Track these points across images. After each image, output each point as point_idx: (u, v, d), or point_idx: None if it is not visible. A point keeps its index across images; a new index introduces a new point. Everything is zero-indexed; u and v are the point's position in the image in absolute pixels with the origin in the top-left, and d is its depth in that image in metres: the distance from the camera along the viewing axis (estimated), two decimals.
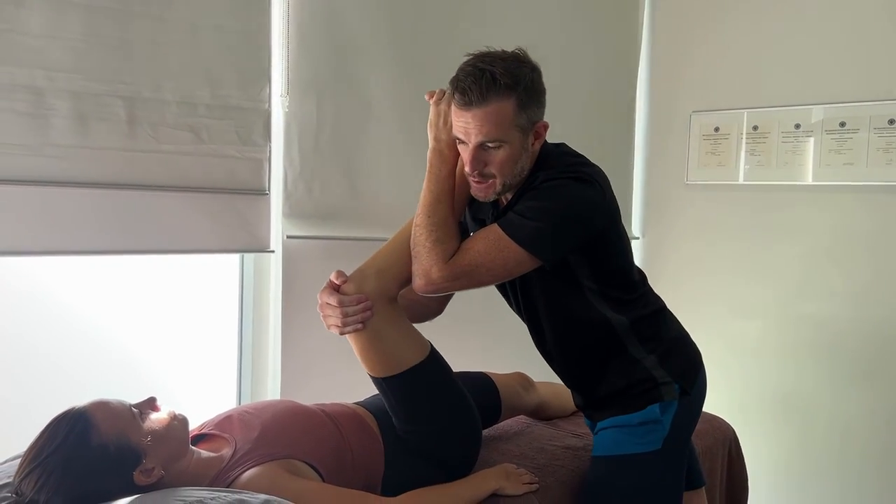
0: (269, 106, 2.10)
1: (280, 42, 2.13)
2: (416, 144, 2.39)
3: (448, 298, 1.75)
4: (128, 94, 1.84)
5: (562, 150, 1.58)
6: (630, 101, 3.12)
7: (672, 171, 3.08)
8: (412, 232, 1.51)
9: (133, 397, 1.39)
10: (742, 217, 2.90)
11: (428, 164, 1.53)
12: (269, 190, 2.13)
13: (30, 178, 1.72)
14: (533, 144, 1.50)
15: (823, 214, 2.72)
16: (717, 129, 2.95)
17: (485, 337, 2.19)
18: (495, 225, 1.48)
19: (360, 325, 1.48)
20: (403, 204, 2.29)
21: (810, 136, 2.72)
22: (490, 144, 1.43)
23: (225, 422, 1.50)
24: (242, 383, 2.24)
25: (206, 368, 2.21)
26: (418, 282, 1.48)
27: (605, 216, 1.52)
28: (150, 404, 1.37)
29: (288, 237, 2.18)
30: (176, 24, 1.91)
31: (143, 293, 2.09)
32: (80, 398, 1.34)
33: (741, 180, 2.90)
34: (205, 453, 1.41)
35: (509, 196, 1.55)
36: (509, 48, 1.48)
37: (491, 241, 1.45)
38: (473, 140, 1.43)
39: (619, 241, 1.58)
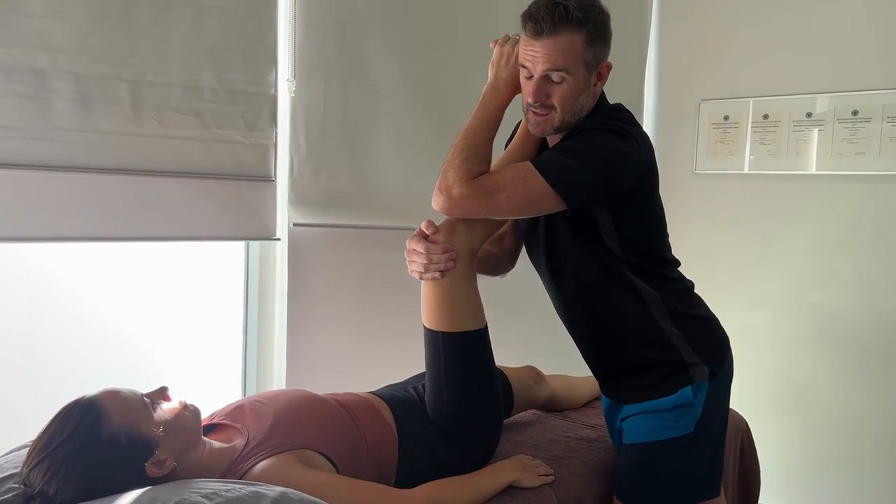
0: (276, 90, 2.07)
1: (286, 25, 2.09)
2: (425, 130, 2.37)
3: (516, 252, 1.79)
4: (132, 77, 1.80)
5: (615, 107, 1.61)
6: (638, 89, 3.08)
7: (681, 160, 3.04)
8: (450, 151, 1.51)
9: (137, 387, 1.34)
10: (752, 207, 2.87)
11: (481, 97, 1.55)
12: (275, 176, 2.09)
13: (30, 162, 1.68)
14: (595, 84, 1.52)
15: (835, 204, 2.69)
16: (726, 118, 2.92)
17: (493, 330, 2.16)
18: (528, 160, 1.49)
19: (437, 275, 1.50)
20: (412, 191, 2.27)
21: (822, 125, 2.69)
22: (555, 76, 1.45)
23: (236, 411, 1.47)
24: (248, 372, 2.21)
25: (210, 358, 2.18)
26: (438, 197, 1.48)
27: (637, 174, 1.52)
28: (162, 394, 1.33)
29: (294, 224, 2.15)
30: (180, 5, 1.87)
31: (147, 281, 2.05)
32: (85, 388, 1.30)
33: (751, 170, 2.87)
34: (217, 444, 1.38)
35: (556, 141, 1.56)
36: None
37: (519, 171, 1.46)
38: (539, 68, 1.44)
39: (652, 208, 1.59)
